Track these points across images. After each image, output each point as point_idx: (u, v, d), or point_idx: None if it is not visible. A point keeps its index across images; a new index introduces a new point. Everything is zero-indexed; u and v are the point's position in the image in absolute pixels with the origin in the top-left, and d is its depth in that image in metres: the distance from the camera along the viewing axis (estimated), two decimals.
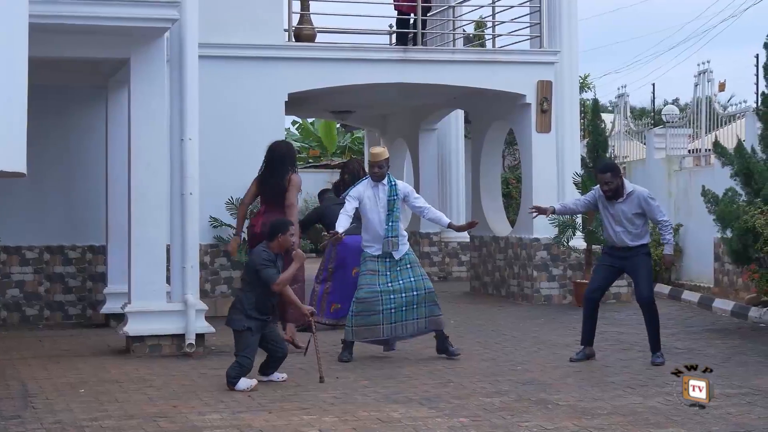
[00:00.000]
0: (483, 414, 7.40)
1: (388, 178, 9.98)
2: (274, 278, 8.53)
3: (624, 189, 9.64)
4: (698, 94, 17.24)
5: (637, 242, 9.63)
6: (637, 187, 9.80)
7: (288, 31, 14.41)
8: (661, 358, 9.48)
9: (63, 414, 7.41)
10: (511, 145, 21.18)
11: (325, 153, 31.24)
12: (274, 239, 8.68)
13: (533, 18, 15.36)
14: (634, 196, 9.62)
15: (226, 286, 13.66)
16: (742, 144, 12.55)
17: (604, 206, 9.74)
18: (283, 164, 10.57)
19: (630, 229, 9.61)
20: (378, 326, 9.81)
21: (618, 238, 9.67)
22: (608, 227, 9.74)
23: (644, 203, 9.60)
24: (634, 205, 9.60)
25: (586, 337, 9.81)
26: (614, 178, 9.62)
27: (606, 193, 9.66)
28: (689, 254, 16.75)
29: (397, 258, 9.87)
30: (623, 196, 9.62)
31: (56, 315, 13.10)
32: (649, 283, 9.71)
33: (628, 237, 9.62)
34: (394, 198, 9.91)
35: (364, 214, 9.94)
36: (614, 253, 9.77)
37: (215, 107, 13.15)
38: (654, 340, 9.65)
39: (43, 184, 12.84)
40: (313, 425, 7.06)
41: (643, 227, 9.66)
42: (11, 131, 7.07)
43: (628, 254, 9.66)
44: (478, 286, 16.66)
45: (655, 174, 17.94)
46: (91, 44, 10.18)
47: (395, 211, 9.88)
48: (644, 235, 9.69)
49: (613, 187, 9.62)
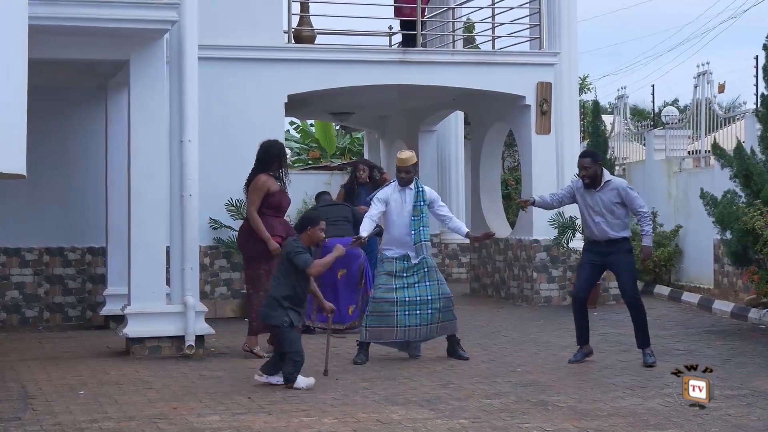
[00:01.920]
0: (483, 415, 7.39)
1: (416, 183, 9.98)
2: (309, 262, 8.54)
3: (602, 178, 9.64)
4: (698, 96, 17.24)
5: (618, 234, 9.56)
6: (616, 178, 9.84)
7: (287, 33, 14.41)
8: (652, 356, 9.47)
9: (62, 416, 7.41)
10: (511, 147, 21.16)
11: (325, 155, 31.22)
12: (303, 232, 8.72)
13: (533, 19, 15.36)
14: (612, 185, 9.61)
15: (226, 287, 13.67)
16: (742, 145, 12.55)
17: (582, 197, 9.70)
18: (257, 164, 10.36)
19: (609, 219, 9.55)
20: (392, 328, 9.79)
21: (598, 229, 9.60)
22: (587, 219, 9.69)
23: (623, 192, 9.57)
24: (612, 194, 9.56)
25: (581, 337, 9.81)
26: (593, 164, 9.60)
27: (583, 179, 9.64)
28: (689, 255, 16.74)
29: (415, 261, 9.85)
30: (600, 185, 9.61)
31: (56, 317, 13.10)
32: (633, 280, 9.71)
33: (608, 227, 9.55)
34: (421, 204, 9.89)
35: (389, 217, 9.92)
36: (595, 248, 9.71)
37: (215, 109, 13.16)
38: (642, 336, 9.63)
39: (42, 185, 12.84)
40: (313, 427, 7.06)
41: (623, 219, 9.60)
42: (11, 133, 7.08)
43: (610, 249, 9.60)
44: (478, 287, 16.66)
45: (655, 175, 17.94)
46: (91, 46, 10.19)
47: (424, 217, 9.89)
48: (625, 227, 9.64)
49: (590, 173, 9.58)
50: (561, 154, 15.01)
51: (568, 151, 15.06)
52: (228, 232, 13.46)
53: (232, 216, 13.40)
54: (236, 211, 13.34)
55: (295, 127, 32.86)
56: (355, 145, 30.66)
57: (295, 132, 32.77)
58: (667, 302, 15.21)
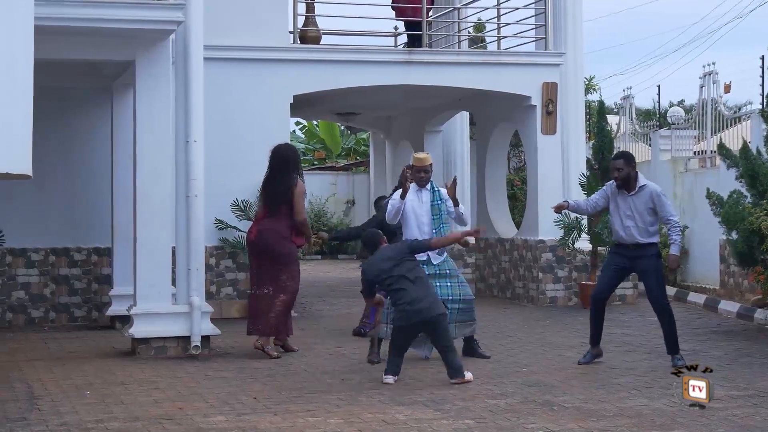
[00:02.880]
0: (488, 416, 7.39)
1: (431, 183, 9.99)
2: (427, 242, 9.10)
3: (637, 182, 9.55)
4: (704, 96, 17.23)
5: (647, 239, 9.50)
6: (650, 183, 9.70)
7: (293, 33, 14.42)
8: (682, 360, 9.34)
9: (68, 416, 7.41)
10: (517, 147, 21.17)
11: (330, 155, 31.24)
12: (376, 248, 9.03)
13: (538, 20, 15.36)
14: (646, 191, 9.52)
15: (232, 288, 13.67)
16: (748, 146, 12.53)
17: (615, 201, 9.61)
18: (284, 169, 10.37)
19: (640, 224, 9.47)
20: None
21: (628, 233, 9.53)
22: (617, 222, 9.59)
23: (656, 198, 9.50)
24: (645, 199, 9.49)
25: (594, 338, 9.77)
26: (626, 166, 9.50)
27: (617, 180, 9.54)
28: (695, 256, 16.73)
29: (436, 263, 9.83)
30: (635, 189, 9.55)
31: (62, 317, 13.11)
32: (662, 286, 9.61)
33: (638, 232, 9.49)
34: (438, 203, 9.89)
35: (406, 218, 9.91)
36: (623, 252, 9.64)
37: (220, 109, 13.16)
38: (672, 342, 9.55)
39: (48, 186, 12.86)
40: (318, 427, 7.05)
41: (653, 225, 9.52)
42: (16, 133, 7.09)
43: (638, 253, 9.53)
44: (484, 288, 16.66)
45: (661, 175, 17.91)
46: (96, 46, 10.21)
47: (443, 215, 9.89)
48: (654, 233, 9.58)
49: (623, 175, 9.50)
50: (567, 155, 15.00)
51: (574, 152, 15.06)
52: (233, 232, 13.46)
53: (238, 216, 13.41)
54: (242, 211, 13.34)
55: (300, 127, 32.90)
56: (361, 145, 30.69)
57: (301, 132, 32.80)
58: (673, 302, 15.08)
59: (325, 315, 13.94)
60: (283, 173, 10.37)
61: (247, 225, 13.23)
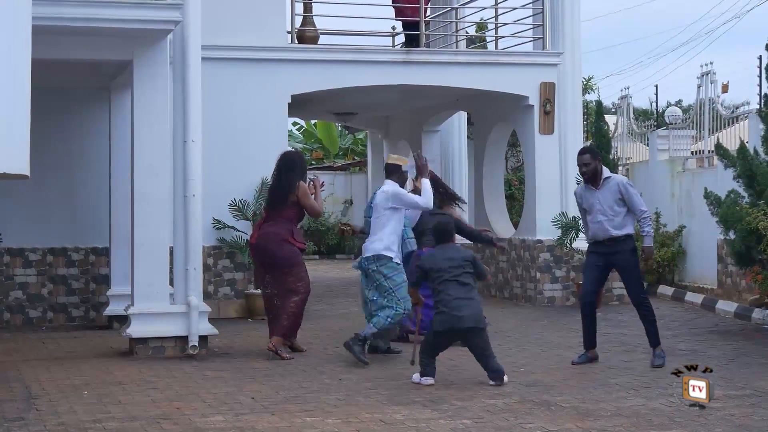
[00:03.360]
0: (486, 416, 7.39)
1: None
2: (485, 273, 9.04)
3: (602, 175, 9.66)
4: (701, 96, 17.22)
5: (621, 232, 9.56)
6: (615, 174, 9.87)
7: (291, 33, 14.41)
8: (662, 356, 9.45)
9: (66, 416, 7.41)
10: (514, 147, 21.17)
11: (328, 155, 31.23)
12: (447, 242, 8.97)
13: (536, 20, 15.36)
14: (612, 182, 9.63)
15: (229, 288, 13.66)
16: (745, 146, 12.54)
17: (584, 199, 9.74)
18: (290, 174, 10.37)
19: (611, 216, 9.55)
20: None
21: (601, 228, 9.60)
22: (590, 221, 9.71)
23: (623, 188, 9.59)
24: (613, 191, 9.58)
25: (588, 341, 9.78)
26: (593, 160, 9.66)
27: (584, 175, 9.68)
28: (692, 256, 16.73)
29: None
30: (600, 182, 9.63)
31: (59, 317, 13.11)
32: (639, 280, 9.72)
33: (611, 225, 9.56)
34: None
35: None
36: (599, 249, 9.70)
37: (218, 109, 13.15)
38: (653, 335, 9.64)
39: (46, 185, 12.85)
40: (316, 427, 7.06)
41: (625, 217, 9.59)
42: (14, 133, 7.08)
43: (614, 249, 9.59)
44: (481, 287, 16.64)
45: (658, 175, 17.93)
46: (94, 46, 10.20)
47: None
48: (627, 224, 9.63)
49: (591, 169, 9.62)
50: (564, 154, 14.99)
51: (572, 152, 15.00)
52: (231, 232, 13.45)
53: (236, 216, 13.40)
54: (239, 211, 13.34)
55: (298, 127, 32.88)
56: (358, 145, 30.68)
57: (299, 132, 32.78)
58: (671, 302, 15.21)
59: (322, 315, 13.93)
60: (286, 178, 10.38)
61: (245, 225, 13.27)
